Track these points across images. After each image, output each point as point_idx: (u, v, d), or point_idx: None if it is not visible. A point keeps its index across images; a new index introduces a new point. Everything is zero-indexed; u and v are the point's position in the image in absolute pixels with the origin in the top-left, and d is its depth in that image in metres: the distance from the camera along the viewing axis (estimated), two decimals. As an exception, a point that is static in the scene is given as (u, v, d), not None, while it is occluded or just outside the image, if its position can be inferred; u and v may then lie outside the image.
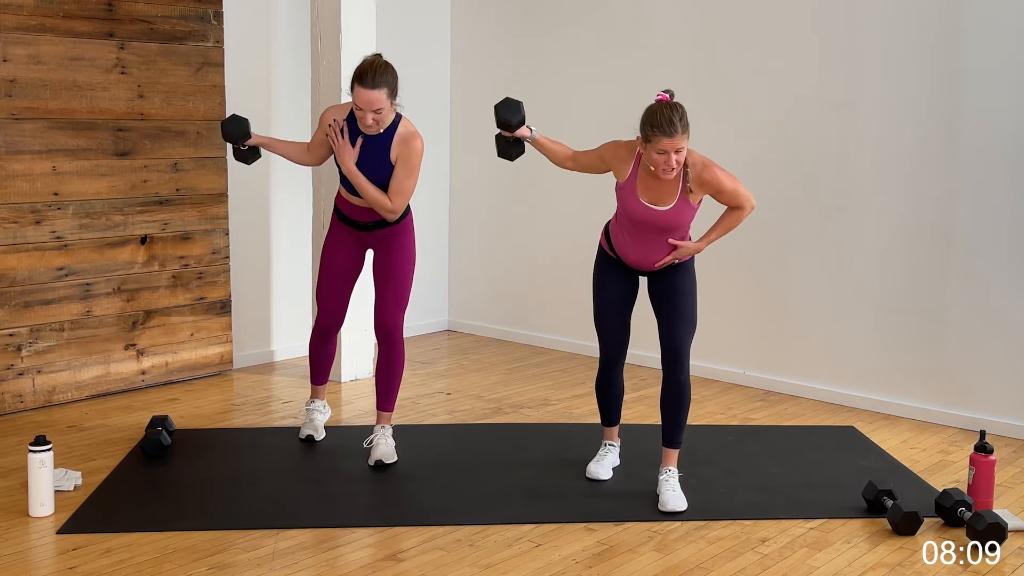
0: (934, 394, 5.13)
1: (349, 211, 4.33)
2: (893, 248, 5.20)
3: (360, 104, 4.02)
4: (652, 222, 3.83)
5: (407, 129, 4.18)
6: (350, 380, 5.71)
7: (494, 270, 6.89)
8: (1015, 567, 3.49)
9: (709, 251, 5.62)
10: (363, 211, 4.29)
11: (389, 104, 4.06)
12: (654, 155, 3.67)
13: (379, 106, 4.01)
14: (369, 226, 4.32)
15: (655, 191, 3.80)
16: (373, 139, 4.17)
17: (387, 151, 4.16)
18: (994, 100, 4.86)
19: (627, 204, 3.85)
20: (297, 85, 5.96)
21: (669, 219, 3.82)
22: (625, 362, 4.21)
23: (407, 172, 4.17)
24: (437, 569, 3.39)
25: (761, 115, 5.59)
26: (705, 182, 3.79)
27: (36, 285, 5.02)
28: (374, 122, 4.06)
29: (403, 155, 4.16)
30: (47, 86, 4.97)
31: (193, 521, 3.71)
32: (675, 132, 3.61)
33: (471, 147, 6.90)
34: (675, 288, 3.94)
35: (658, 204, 3.81)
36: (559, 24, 6.39)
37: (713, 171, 3.78)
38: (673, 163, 3.66)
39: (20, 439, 4.57)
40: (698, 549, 3.59)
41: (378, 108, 4.02)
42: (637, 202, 3.82)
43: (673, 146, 3.63)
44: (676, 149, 3.64)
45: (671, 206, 3.80)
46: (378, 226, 4.31)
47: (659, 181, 3.79)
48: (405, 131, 4.18)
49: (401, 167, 4.16)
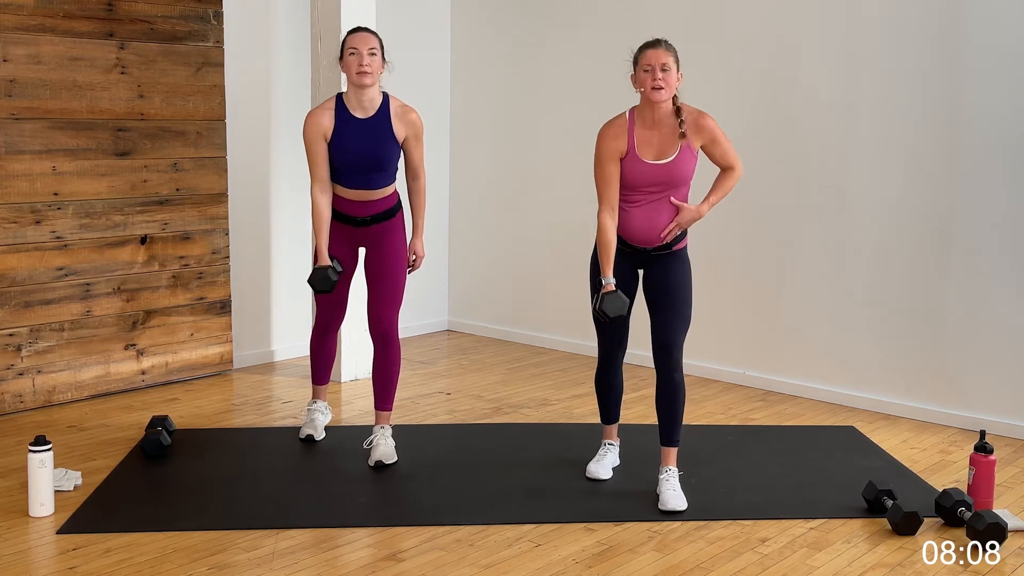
0: (934, 394, 5.13)
1: (347, 208, 4.31)
2: (893, 248, 5.20)
3: (355, 45, 4.11)
4: (660, 179, 3.84)
5: (399, 103, 4.27)
6: (350, 380, 5.71)
7: (494, 270, 6.90)
8: (1015, 567, 3.49)
9: (709, 251, 5.65)
10: (361, 205, 4.28)
11: (381, 53, 4.15)
12: (641, 75, 3.79)
13: (372, 45, 4.11)
14: (367, 220, 4.31)
15: (656, 147, 3.85)
16: (369, 121, 4.20)
17: (388, 128, 4.21)
18: (994, 100, 4.86)
19: (634, 172, 3.85)
20: (297, 85, 5.96)
21: (675, 171, 3.84)
22: (624, 360, 4.21)
23: (419, 144, 4.32)
24: (437, 569, 3.39)
25: (761, 115, 5.59)
26: (701, 127, 3.87)
27: (36, 285, 5.02)
28: (368, 64, 4.10)
29: (413, 134, 4.27)
30: (47, 86, 4.97)
31: (193, 521, 3.71)
32: (659, 46, 3.78)
33: (471, 147, 6.90)
34: (672, 285, 3.94)
35: (662, 158, 3.84)
36: (559, 24, 6.39)
37: (708, 119, 3.89)
38: (659, 78, 3.75)
39: (20, 439, 4.57)
40: (698, 549, 3.59)
41: (372, 47, 4.11)
42: (643, 164, 3.84)
43: (657, 59, 3.75)
44: (661, 64, 3.75)
45: (674, 156, 3.84)
46: (375, 220, 4.31)
47: (657, 134, 3.84)
48: (399, 106, 4.26)
49: (415, 144, 4.29)
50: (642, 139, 3.85)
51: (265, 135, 5.96)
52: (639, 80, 3.82)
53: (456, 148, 6.98)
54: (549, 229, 6.55)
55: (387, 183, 4.29)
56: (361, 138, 4.17)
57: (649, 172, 3.85)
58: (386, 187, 4.29)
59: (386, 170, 4.25)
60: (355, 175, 4.23)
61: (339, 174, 4.25)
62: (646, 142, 3.85)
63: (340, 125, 4.19)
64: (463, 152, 6.95)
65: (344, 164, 4.21)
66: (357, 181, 4.24)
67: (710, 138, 3.89)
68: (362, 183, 4.24)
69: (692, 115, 3.87)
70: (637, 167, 3.85)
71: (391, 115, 4.21)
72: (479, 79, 6.81)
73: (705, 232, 5.65)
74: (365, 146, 4.18)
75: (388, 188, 4.30)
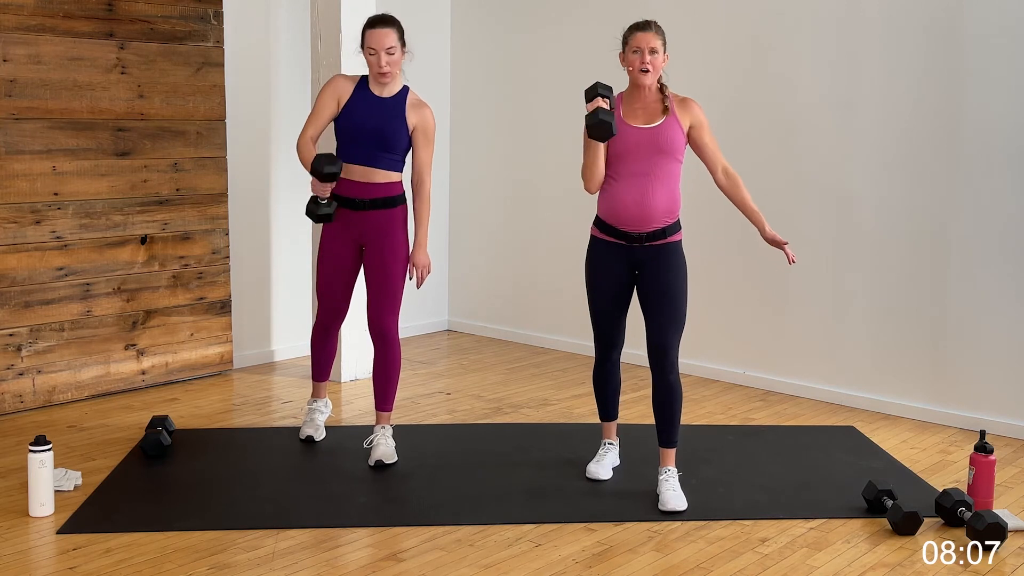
0: (934, 394, 5.13)
1: (347, 190, 4.28)
2: (893, 248, 5.20)
3: (373, 45, 4.16)
4: (646, 143, 3.86)
5: (416, 97, 4.34)
6: (350, 380, 5.71)
7: (494, 270, 6.90)
8: (1015, 567, 3.49)
9: (709, 251, 5.66)
10: (361, 187, 4.27)
11: (400, 49, 4.21)
12: (630, 55, 3.87)
13: (391, 44, 4.16)
14: (366, 204, 4.28)
15: (640, 114, 3.90)
16: (385, 100, 4.27)
17: (402, 112, 4.26)
18: (994, 100, 4.86)
19: (621, 139, 3.87)
20: (297, 85, 5.96)
21: (662, 136, 3.86)
22: (623, 360, 4.21)
23: (428, 144, 4.34)
24: (437, 569, 3.39)
25: (761, 115, 5.59)
26: (687, 108, 3.94)
27: (36, 285, 5.02)
28: (388, 65, 4.16)
29: (423, 127, 4.30)
30: (47, 86, 4.97)
31: (193, 521, 3.71)
32: (648, 28, 3.87)
33: (471, 147, 6.90)
34: (666, 286, 3.92)
35: (648, 123, 3.89)
36: (559, 24, 6.39)
37: (694, 102, 3.96)
38: (647, 61, 3.82)
39: (20, 439, 4.57)
40: (698, 549, 3.59)
41: (390, 47, 4.16)
42: (629, 128, 3.88)
43: (646, 42, 3.83)
44: (649, 47, 3.83)
45: (660, 122, 3.88)
46: (375, 205, 4.30)
47: (641, 102, 3.90)
48: (416, 99, 4.33)
49: (423, 142, 4.32)
50: (628, 109, 3.93)
51: (265, 135, 5.96)
52: (627, 60, 3.90)
53: (456, 148, 6.99)
54: (549, 229, 6.55)
55: (390, 167, 4.29)
56: (372, 111, 4.24)
57: (635, 135, 3.87)
58: (389, 171, 4.29)
59: (390, 151, 4.26)
60: (360, 148, 4.24)
61: (345, 146, 4.27)
62: (631, 113, 3.92)
63: (357, 96, 4.27)
64: (463, 152, 6.95)
65: (351, 133, 4.24)
66: (359, 155, 4.24)
67: (697, 120, 3.94)
68: (364, 158, 4.25)
69: (678, 97, 3.96)
70: (624, 132, 3.88)
71: (407, 102, 4.29)
72: (479, 79, 6.81)
73: (705, 232, 5.65)
74: (374, 119, 4.23)
75: (391, 173, 4.30)
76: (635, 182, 3.87)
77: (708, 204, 5.27)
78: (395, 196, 4.32)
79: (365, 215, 4.29)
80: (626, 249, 3.95)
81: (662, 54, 3.87)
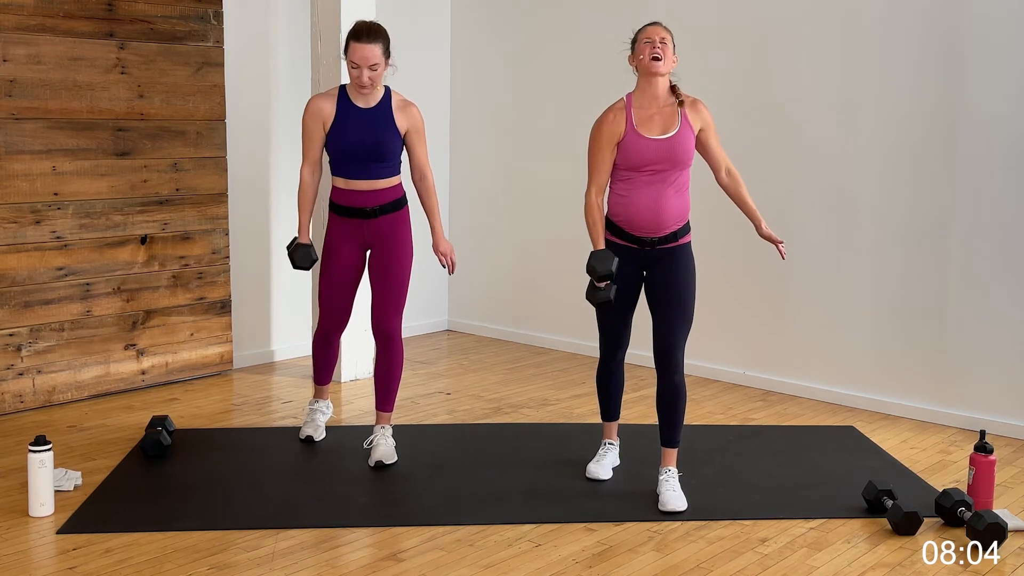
0: (934, 394, 5.13)
1: (353, 200, 4.29)
2: (893, 248, 5.20)
3: (356, 60, 4.09)
4: (662, 155, 3.85)
5: (400, 98, 4.30)
6: (350, 380, 5.71)
7: (494, 270, 6.90)
8: (1015, 567, 3.49)
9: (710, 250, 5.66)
10: (367, 196, 4.27)
11: (384, 62, 4.15)
12: (641, 45, 3.88)
13: (375, 61, 4.10)
14: (375, 211, 4.29)
15: (656, 123, 3.88)
16: (370, 111, 4.22)
17: (390, 118, 4.23)
18: (994, 100, 4.86)
19: (635, 149, 3.86)
20: (297, 85, 5.96)
21: (677, 147, 3.86)
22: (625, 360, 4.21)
23: (422, 141, 4.33)
24: (437, 569, 3.39)
25: (761, 115, 5.59)
26: (698, 111, 3.95)
27: (36, 285, 5.02)
28: (370, 80, 4.11)
29: (414, 128, 4.28)
30: (47, 86, 4.97)
31: (193, 521, 3.71)
32: (658, 23, 3.94)
33: (471, 147, 6.90)
34: (675, 285, 3.93)
35: (663, 133, 3.87)
36: (560, 24, 6.39)
37: (703, 107, 3.98)
38: (658, 47, 3.84)
39: (20, 439, 4.57)
40: (698, 549, 3.59)
41: (374, 64, 4.09)
42: (643, 140, 3.86)
43: (657, 33, 3.87)
44: (660, 37, 3.86)
45: (676, 130, 3.87)
46: (383, 211, 4.29)
47: (656, 111, 3.88)
48: (400, 100, 4.29)
49: (417, 141, 4.31)
50: (641, 117, 3.89)
51: (265, 135, 5.96)
52: (638, 53, 3.90)
53: (456, 148, 6.98)
54: (549, 229, 6.55)
55: (390, 174, 4.29)
56: (362, 126, 4.19)
57: (651, 148, 3.85)
58: (390, 177, 4.29)
59: (388, 160, 4.25)
60: (357, 164, 4.23)
61: (341, 164, 4.25)
62: (646, 120, 3.89)
63: (341, 113, 4.21)
64: (463, 152, 6.95)
65: (345, 152, 4.21)
66: (359, 171, 4.23)
67: (706, 123, 3.95)
68: (364, 173, 4.24)
69: (689, 99, 3.95)
70: (638, 143, 3.85)
71: (392, 107, 4.24)
72: (479, 79, 6.81)
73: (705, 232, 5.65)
74: (366, 134, 4.19)
75: (393, 179, 4.30)
76: (651, 190, 3.88)
77: (708, 204, 5.27)
78: (400, 198, 4.34)
79: (374, 221, 4.31)
80: (637, 251, 3.96)
81: (672, 49, 3.88)
